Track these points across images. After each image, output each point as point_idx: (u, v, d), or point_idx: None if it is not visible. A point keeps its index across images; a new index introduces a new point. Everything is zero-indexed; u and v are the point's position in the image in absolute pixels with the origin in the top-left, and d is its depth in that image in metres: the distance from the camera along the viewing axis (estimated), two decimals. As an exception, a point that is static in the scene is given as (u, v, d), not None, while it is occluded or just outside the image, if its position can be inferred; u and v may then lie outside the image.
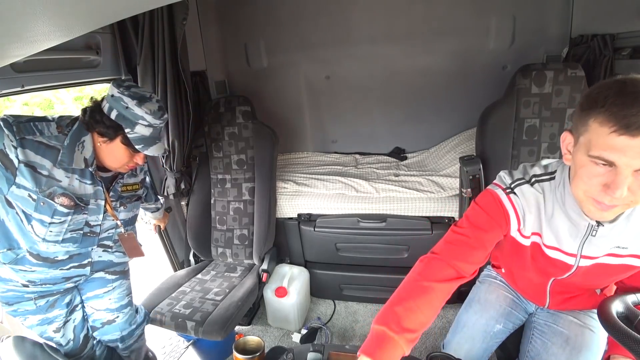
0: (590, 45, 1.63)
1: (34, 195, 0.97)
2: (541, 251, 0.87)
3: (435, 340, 1.82)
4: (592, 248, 0.81)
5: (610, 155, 0.61)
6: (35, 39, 0.58)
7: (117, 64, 1.70)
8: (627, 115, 0.58)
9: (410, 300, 0.79)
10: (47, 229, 1.02)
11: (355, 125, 2.42)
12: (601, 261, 0.83)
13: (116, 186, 1.19)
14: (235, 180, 1.95)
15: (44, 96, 10.68)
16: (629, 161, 0.60)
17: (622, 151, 0.60)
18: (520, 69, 1.45)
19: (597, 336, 0.97)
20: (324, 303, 2.14)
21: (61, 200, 1.01)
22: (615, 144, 0.60)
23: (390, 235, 1.86)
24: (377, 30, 2.12)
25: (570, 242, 0.82)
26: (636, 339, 0.67)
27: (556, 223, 0.82)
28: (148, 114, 1.03)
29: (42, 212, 0.99)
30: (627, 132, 0.58)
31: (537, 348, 1.02)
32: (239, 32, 2.27)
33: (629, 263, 0.80)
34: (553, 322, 1.04)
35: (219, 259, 1.98)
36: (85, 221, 1.10)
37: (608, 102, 0.60)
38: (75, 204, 1.04)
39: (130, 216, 1.27)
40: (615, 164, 0.61)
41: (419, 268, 0.88)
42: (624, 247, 0.79)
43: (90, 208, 1.10)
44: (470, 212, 0.90)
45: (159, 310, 1.54)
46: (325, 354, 1.03)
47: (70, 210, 1.04)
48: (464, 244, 0.86)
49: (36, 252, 1.06)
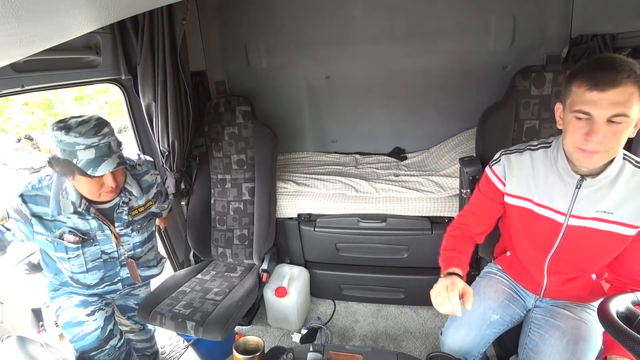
0: (590, 45, 1.63)
1: (49, 238, 1.12)
2: (532, 214, 1.01)
3: (435, 340, 1.82)
4: (580, 208, 0.93)
5: (586, 108, 0.79)
6: (35, 39, 0.58)
7: (117, 64, 1.70)
8: (597, 76, 0.77)
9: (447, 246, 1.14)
10: (70, 264, 1.17)
11: (355, 125, 2.41)
12: (589, 225, 0.93)
13: (121, 215, 1.22)
14: (235, 180, 1.95)
15: (44, 96, 10.59)
16: (602, 111, 0.77)
17: (595, 103, 0.77)
18: (519, 70, 1.45)
19: (593, 329, 1.02)
20: (324, 303, 2.14)
21: (68, 237, 1.13)
22: (590, 99, 0.78)
23: (390, 235, 1.86)
24: (377, 30, 2.11)
25: (561, 201, 0.95)
26: (636, 339, 0.67)
27: (549, 183, 0.96)
28: (79, 137, 1.02)
29: (59, 250, 1.14)
30: (597, 88, 0.76)
31: (535, 340, 1.06)
32: (239, 32, 2.27)
33: (616, 231, 0.90)
34: (550, 316, 1.08)
35: (219, 259, 1.98)
36: (100, 250, 1.21)
37: (584, 70, 0.80)
38: (81, 238, 1.15)
39: (146, 235, 1.34)
40: (591, 114, 0.78)
41: (444, 238, 1.19)
42: (609, 212, 0.90)
43: (100, 239, 1.20)
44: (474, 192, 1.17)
45: (159, 310, 1.53)
46: (325, 354, 1.03)
47: (78, 245, 1.15)
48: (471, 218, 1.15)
49: (75, 278, 1.22)
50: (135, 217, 1.25)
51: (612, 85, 0.75)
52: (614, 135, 0.78)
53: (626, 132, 0.79)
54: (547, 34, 1.88)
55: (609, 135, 0.78)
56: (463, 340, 1.11)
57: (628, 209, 0.88)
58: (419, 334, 1.87)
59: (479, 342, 1.12)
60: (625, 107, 0.75)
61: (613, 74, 0.75)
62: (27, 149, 11.90)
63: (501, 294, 1.17)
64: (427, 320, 1.95)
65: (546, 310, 1.12)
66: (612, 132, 0.78)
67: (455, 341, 1.12)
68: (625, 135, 0.80)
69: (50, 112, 10.82)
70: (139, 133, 1.86)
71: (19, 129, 11.21)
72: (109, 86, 1.76)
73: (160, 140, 1.77)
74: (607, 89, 0.75)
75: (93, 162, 1.03)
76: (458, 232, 1.16)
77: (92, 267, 1.20)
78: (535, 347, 1.04)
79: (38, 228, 1.10)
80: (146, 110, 1.71)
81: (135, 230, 1.26)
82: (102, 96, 11.45)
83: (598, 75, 0.76)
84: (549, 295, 1.12)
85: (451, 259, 1.07)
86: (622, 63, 0.76)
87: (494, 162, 1.08)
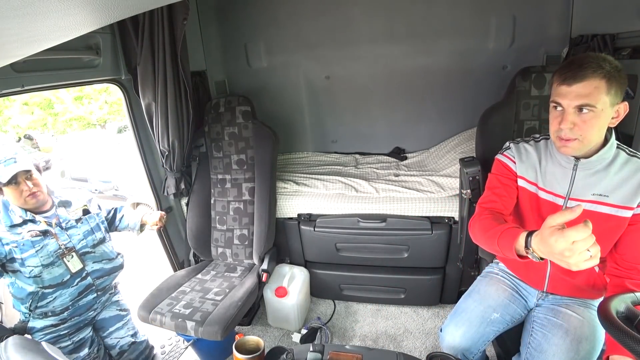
0: (590, 45, 1.63)
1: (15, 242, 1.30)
2: (538, 198, 1.06)
3: (435, 340, 1.82)
4: (577, 190, 0.99)
5: (558, 99, 0.91)
6: (35, 39, 0.58)
7: (117, 64, 1.70)
8: (566, 72, 0.89)
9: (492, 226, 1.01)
10: (38, 257, 1.32)
11: (355, 125, 2.42)
12: (586, 207, 0.96)
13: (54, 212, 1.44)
14: (235, 180, 1.95)
15: (43, 96, 10.57)
16: (569, 102, 0.88)
17: (564, 95, 0.89)
18: (519, 71, 1.46)
19: (596, 328, 1.03)
20: (324, 303, 2.14)
21: (31, 234, 1.33)
22: (559, 91, 0.91)
23: (390, 235, 1.86)
24: (377, 30, 2.11)
25: (560, 185, 1.02)
26: (636, 339, 0.67)
27: (550, 170, 1.04)
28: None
29: (25, 249, 1.31)
30: (565, 82, 0.89)
31: (538, 339, 1.06)
32: (239, 32, 2.27)
33: (612, 213, 0.95)
34: (553, 315, 1.09)
35: (219, 259, 1.98)
36: (57, 244, 1.39)
37: (560, 68, 0.92)
38: (41, 232, 1.35)
39: (89, 228, 1.49)
40: (561, 104, 0.90)
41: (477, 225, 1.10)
42: (605, 195, 0.96)
43: (55, 233, 1.40)
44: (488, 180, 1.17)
45: (159, 310, 1.54)
46: (325, 354, 1.03)
47: (41, 237, 1.34)
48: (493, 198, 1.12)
49: (47, 283, 1.34)
50: (73, 215, 1.47)
51: (577, 80, 0.86)
52: (583, 123, 0.88)
53: (598, 121, 0.88)
54: (547, 34, 1.88)
55: (579, 122, 0.89)
56: (462, 337, 1.12)
57: (622, 192, 0.94)
58: (419, 334, 1.87)
59: (479, 340, 1.12)
60: (589, 99, 0.86)
61: (580, 70, 0.86)
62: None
63: (502, 293, 1.18)
64: (427, 320, 1.95)
65: (548, 309, 1.13)
66: (582, 120, 0.88)
67: (455, 338, 1.13)
68: (599, 124, 0.89)
69: (50, 112, 10.82)
70: (139, 133, 1.86)
71: (19, 128, 11.20)
72: (109, 86, 1.77)
73: (160, 140, 1.77)
74: (573, 83, 0.87)
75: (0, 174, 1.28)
76: (487, 214, 1.06)
77: (55, 259, 1.36)
78: (539, 346, 1.05)
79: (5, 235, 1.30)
80: (146, 110, 1.71)
81: (79, 220, 1.47)
82: (102, 96, 11.45)
83: (567, 71, 0.89)
84: (552, 288, 1.13)
85: (509, 230, 0.90)
86: (591, 60, 0.86)
87: (505, 149, 1.14)
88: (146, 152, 1.91)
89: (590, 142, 0.92)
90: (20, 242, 1.30)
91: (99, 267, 1.49)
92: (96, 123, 12.32)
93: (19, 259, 1.30)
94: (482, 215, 1.05)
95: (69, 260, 1.40)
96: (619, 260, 1.00)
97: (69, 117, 11.13)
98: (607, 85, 0.85)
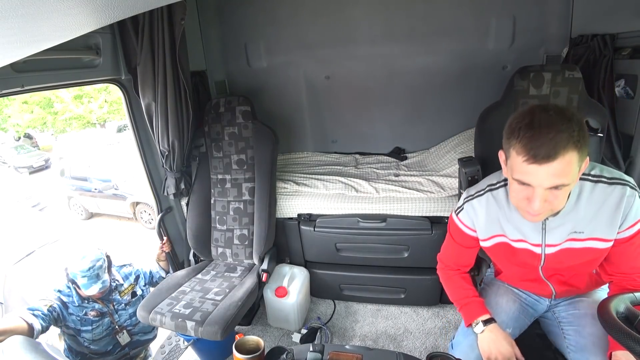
0: (590, 45, 1.62)
1: (79, 316, 1.56)
2: (510, 247, 1.00)
3: (435, 340, 1.82)
4: (553, 237, 0.93)
5: (525, 178, 0.79)
6: (35, 39, 0.58)
7: (117, 64, 1.70)
8: (533, 147, 0.75)
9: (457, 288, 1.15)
10: (92, 334, 1.56)
11: (355, 125, 2.41)
12: (565, 246, 0.93)
13: (114, 297, 1.67)
14: (235, 180, 1.95)
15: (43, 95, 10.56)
16: (540, 182, 0.77)
17: (533, 175, 0.77)
18: (518, 70, 1.45)
19: None
20: (324, 303, 2.14)
21: (91, 313, 1.58)
22: (528, 170, 0.77)
23: (390, 235, 1.86)
24: (377, 30, 2.11)
25: (532, 234, 0.95)
26: (636, 339, 0.67)
27: (517, 220, 0.96)
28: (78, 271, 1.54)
29: (85, 325, 1.56)
30: (535, 161, 0.75)
31: (574, 337, 1.03)
32: (239, 32, 2.27)
33: (591, 246, 0.91)
34: (573, 309, 1.08)
35: (219, 259, 1.98)
36: (109, 321, 1.63)
37: (521, 135, 0.77)
38: (100, 313, 1.60)
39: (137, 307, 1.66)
40: (531, 184, 0.79)
41: (443, 280, 1.22)
42: (580, 231, 0.90)
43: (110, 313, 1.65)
44: (446, 238, 1.18)
45: (159, 310, 1.54)
46: (325, 354, 1.03)
47: (99, 317, 1.59)
48: (452, 260, 1.18)
49: (94, 351, 1.59)
50: (124, 297, 1.69)
51: (549, 159, 0.74)
52: (555, 198, 0.79)
53: (568, 191, 0.81)
54: (547, 34, 1.88)
55: (550, 198, 0.79)
56: (477, 358, 1.06)
57: (596, 225, 0.88)
58: (419, 334, 1.87)
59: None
60: (564, 177, 0.75)
61: (551, 146, 0.73)
62: (26, 148, 11.90)
63: (512, 305, 1.14)
64: (427, 320, 1.95)
65: (567, 306, 1.11)
66: (553, 196, 0.79)
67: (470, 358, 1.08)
68: (568, 193, 0.83)
69: (50, 111, 10.81)
70: (139, 133, 1.86)
71: (19, 127, 11.19)
72: (108, 85, 1.77)
73: (160, 140, 1.77)
74: (543, 163, 0.74)
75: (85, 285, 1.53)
76: (450, 272, 1.18)
77: (105, 335, 1.61)
78: (577, 343, 1.01)
79: (71, 310, 1.54)
80: (146, 110, 1.71)
81: (127, 304, 1.69)
82: (101, 95, 11.45)
83: (536, 147, 0.74)
84: (560, 295, 1.10)
85: (471, 304, 1.08)
86: (558, 127, 0.73)
87: (459, 209, 1.07)
88: (146, 152, 1.91)
89: (559, 208, 0.85)
90: (83, 318, 1.55)
91: (136, 340, 1.72)
92: (96, 122, 12.31)
93: (76, 329, 1.53)
94: (444, 272, 1.19)
95: (120, 336, 1.65)
96: (612, 271, 0.97)
97: (69, 116, 11.12)
98: (579, 155, 0.75)
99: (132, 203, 5.74)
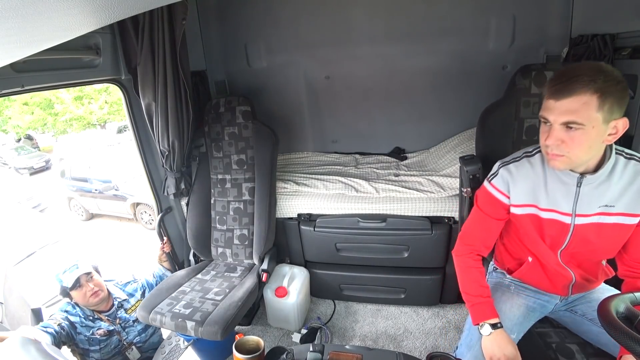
0: (590, 45, 1.62)
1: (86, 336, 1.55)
2: (538, 219, 1.02)
3: (435, 340, 1.82)
4: (584, 206, 0.95)
5: (545, 114, 0.87)
6: (35, 39, 0.58)
7: (117, 64, 1.70)
8: (554, 85, 0.84)
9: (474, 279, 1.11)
10: (100, 353, 1.56)
11: (355, 125, 2.41)
12: (595, 220, 0.95)
13: (120, 314, 1.66)
14: (235, 180, 1.95)
15: (43, 96, 10.59)
16: (556, 117, 0.84)
17: (550, 110, 0.85)
18: (519, 69, 1.45)
19: None
20: (324, 303, 2.14)
21: (99, 332, 1.57)
22: (547, 106, 0.87)
23: (390, 235, 1.86)
24: (377, 30, 2.11)
25: (564, 202, 0.97)
26: (636, 339, 0.67)
27: (550, 187, 0.98)
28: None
29: (93, 344, 1.56)
30: (553, 97, 0.84)
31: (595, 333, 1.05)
32: (239, 32, 2.27)
33: (619, 222, 0.93)
34: (588, 301, 1.11)
35: (219, 259, 1.98)
36: (117, 339, 1.63)
37: (551, 79, 0.87)
38: (108, 331, 1.59)
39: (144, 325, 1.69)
40: (549, 119, 0.86)
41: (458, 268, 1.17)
42: (611, 205, 0.93)
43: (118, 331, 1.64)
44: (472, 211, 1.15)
45: (159, 310, 1.54)
46: (325, 354, 1.03)
47: (107, 336, 1.58)
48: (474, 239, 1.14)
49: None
50: (131, 314, 1.68)
51: (565, 94, 0.81)
52: (571, 140, 0.84)
53: (587, 139, 0.83)
54: (547, 34, 1.88)
55: (566, 139, 0.84)
56: None
57: (626, 200, 0.91)
58: (419, 334, 1.87)
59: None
60: (576, 115, 0.81)
61: (569, 83, 0.80)
62: (26, 149, 11.91)
63: (517, 310, 1.14)
64: (427, 320, 1.95)
65: (580, 300, 1.13)
66: (569, 138, 0.84)
67: None
68: (588, 142, 0.84)
69: (50, 112, 10.82)
70: (139, 133, 1.86)
71: (19, 128, 11.20)
72: (109, 86, 1.78)
73: (160, 140, 1.77)
74: (560, 98, 0.82)
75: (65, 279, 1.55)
76: (470, 261, 1.13)
77: (114, 354, 1.61)
78: (598, 338, 1.05)
79: (79, 329, 1.54)
80: (146, 110, 1.71)
81: (135, 321, 1.67)
82: (102, 96, 11.46)
83: (557, 84, 0.83)
84: (576, 288, 1.10)
85: (483, 304, 1.06)
86: (584, 72, 0.80)
87: (493, 175, 1.07)
88: (146, 152, 1.91)
89: (580, 159, 0.88)
90: (90, 338, 1.54)
91: (145, 357, 1.73)
92: (96, 123, 12.32)
93: (84, 349, 1.53)
94: (461, 259, 1.14)
95: (129, 352, 1.64)
96: (630, 262, 0.99)
97: (69, 117, 11.14)
98: (599, 101, 0.78)
99: (132, 204, 5.74)
